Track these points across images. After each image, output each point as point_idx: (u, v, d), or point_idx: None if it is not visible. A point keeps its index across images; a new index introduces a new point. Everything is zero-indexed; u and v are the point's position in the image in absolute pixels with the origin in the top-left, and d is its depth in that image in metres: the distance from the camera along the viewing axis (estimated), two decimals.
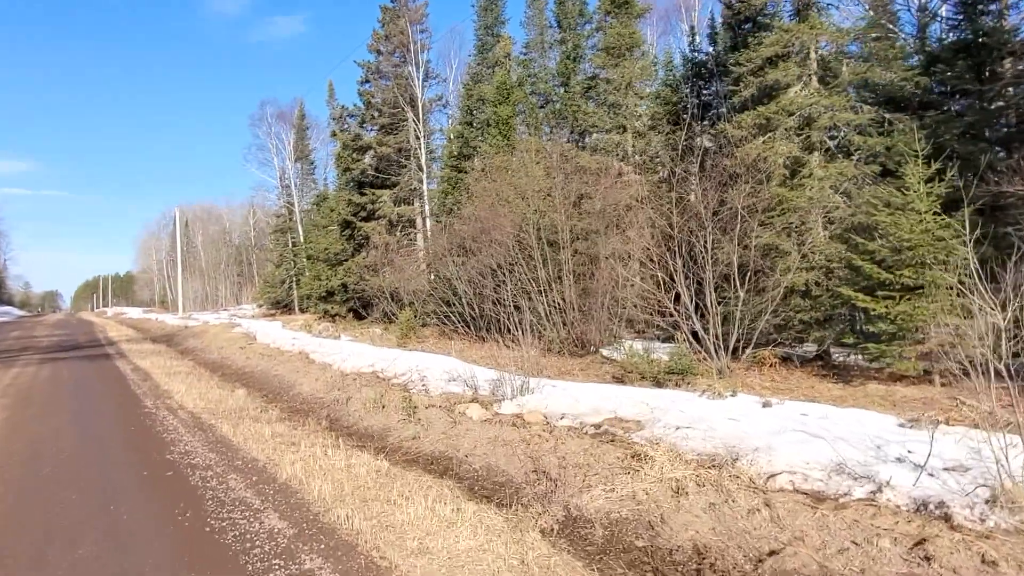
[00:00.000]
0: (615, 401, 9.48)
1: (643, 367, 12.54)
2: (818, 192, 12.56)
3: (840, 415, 8.20)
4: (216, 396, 12.70)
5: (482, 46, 27.17)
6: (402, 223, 29.24)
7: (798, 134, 13.30)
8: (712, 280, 12.02)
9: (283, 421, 10.65)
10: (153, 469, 7.15)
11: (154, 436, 8.96)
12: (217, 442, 8.49)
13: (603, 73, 21.49)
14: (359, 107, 30.90)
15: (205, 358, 21.55)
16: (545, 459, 7.48)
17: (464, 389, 12.22)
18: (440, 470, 7.75)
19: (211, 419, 10.12)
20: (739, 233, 12.28)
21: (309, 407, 12.38)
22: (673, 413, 8.54)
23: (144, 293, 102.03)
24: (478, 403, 10.46)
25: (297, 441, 8.61)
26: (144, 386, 14.47)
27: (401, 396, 11.92)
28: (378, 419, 10.69)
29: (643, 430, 8.15)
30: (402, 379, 14.12)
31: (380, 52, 29.65)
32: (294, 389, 14.35)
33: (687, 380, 11.78)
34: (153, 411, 11.04)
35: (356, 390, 13.11)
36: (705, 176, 12.69)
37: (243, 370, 18.04)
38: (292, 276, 40.32)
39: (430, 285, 21.88)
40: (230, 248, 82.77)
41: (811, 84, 13.63)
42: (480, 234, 18.38)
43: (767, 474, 6.29)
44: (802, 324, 12.85)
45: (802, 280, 12.27)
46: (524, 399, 10.30)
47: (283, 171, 43.77)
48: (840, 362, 13.55)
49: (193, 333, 30.67)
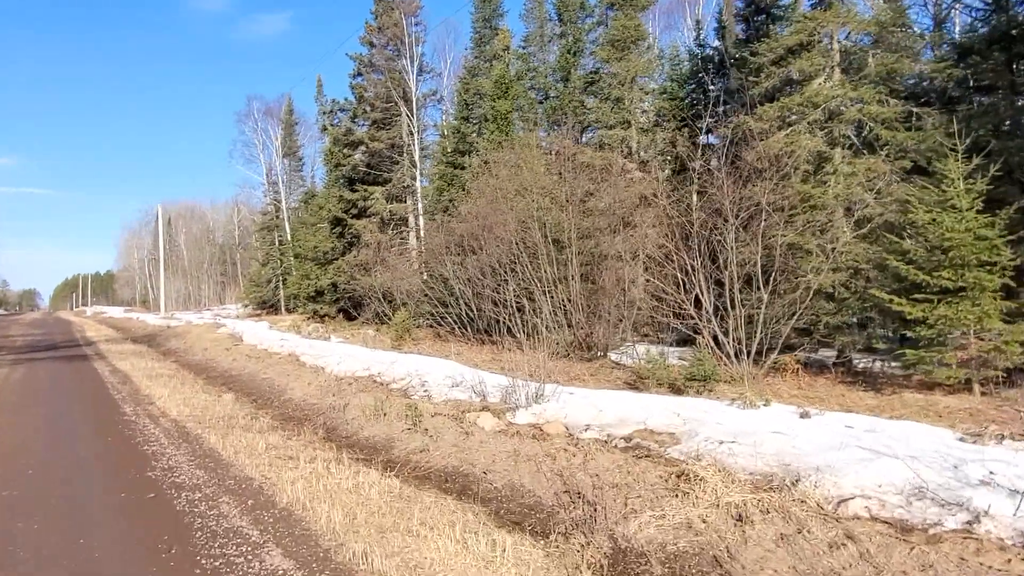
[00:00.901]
0: (642, 411, 8.71)
1: (660, 373, 11.81)
2: (844, 189, 11.88)
3: (890, 428, 7.49)
4: (201, 402, 11.78)
5: (479, 39, 26.36)
6: (394, 221, 28.34)
7: (822, 128, 12.62)
8: (737, 280, 11.31)
9: (276, 430, 9.78)
10: (132, 490, 6.27)
11: (134, 448, 8.06)
12: (205, 456, 7.61)
13: (607, 67, 20.79)
14: (350, 101, 29.99)
15: (189, 360, 20.54)
16: (576, 477, 6.69)
17: (471, 396, 11.42)
18: (457, 489, 6.93)
19: (197, 428, 9.23)
20: (763, 231, 11.58)
21: (303, 414, 11.50)
22: (709, 425, 7.79)
23: (125, 292, 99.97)
24: (489, 412, 9.66)
25: (295, 454, 7.75)
26: (123, 390, 13.50)
27: (403, 403, 11.09)
28: (380, 428, 9.85)
29: (679, 444, 7.39)
30: (401, 384, 13.30)
31: (373, 45, 28.73)
32: (285, 394, 13.45)
33: (708, 387, 11.08)
34: (133, 419, 10.11)
35: (352, 395, 12.26)
36: (731, 170, 11.97)
37: (230, 373, 17.08)
38: (279, 275, 39.21)
39: (425, 285, 21.03)
40: (213, 247, 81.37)
41: (833, 76, 12.97)
42: (481, 231, 17.57)
43: (836, 498, 5.55)
44: (827, 328, 12.17)
45: (828, 281, 11.57)
46: (540, 408, 9.51)
47: (270, 168, 42.68)
48: (863, 369, 12.90)
49: (176, 333, 29.57)
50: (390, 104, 28.37)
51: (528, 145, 19.30)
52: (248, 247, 70.43)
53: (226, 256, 78.02)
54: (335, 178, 34.34)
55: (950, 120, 12.08)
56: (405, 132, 28.46)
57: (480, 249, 18.08)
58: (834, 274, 11.81)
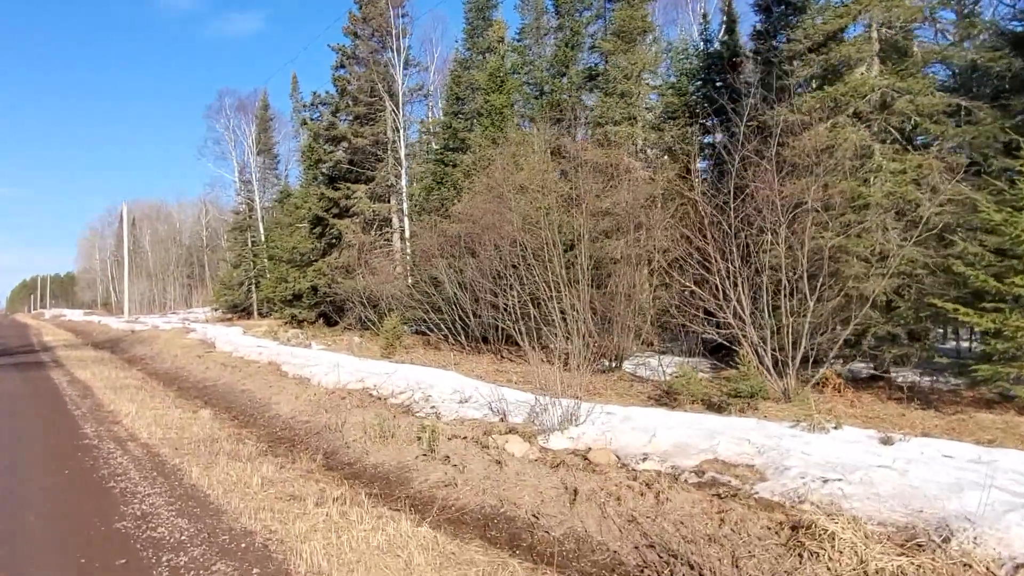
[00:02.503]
0: (702, 435, 7.48)
1: (694, 388, 10.64)
2: (894, 186, 10.85)
3: (1002, 459, 6.37)
4: (176, 420, 10.26)
5: (472, 30, 25.06)
6: (378, 221, 26.86)
7: (863, 120, 11.62)
8: (787, 284, 10.19)
9: (266, 456, 8.34)
10: (96, 553, 4.81)
11: (96, 486, 6.56)
12: (187, 496, 6.16)
13: (611, 61, 19.66)
14: (332, 95, 28.42)
15: (157, 368, 18.81)
16: (656, 526, 5.42)
17: (486, 414, 10.10)
18: (505, 539, 5.60)
19: (173, 456, 7.75)
20: (807, 232, 10.48)
21: (294, 435, 10.06)
22: (794, 455, 6.58)
23: (86, 295, 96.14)
24: (517, 435, 8.35)
25: (298, 492, 6.35)
26: (84, 405, 11.88)
27: (410, 422, 9.74)
28: (389, 453, 8.47)
29: (767, 480, 6.16)
30: (402, 398, 11.91)
31: (357, 35, 27.25)
32: (270, 410, 11.96)
33: (753, 405, 9.94)
34: (95, 443, 8.57)
35: (348, 412, 10.87)
36: (770, 166, 10.88)
37: (203, 384, 15.47)
38: (251, 278, 37.33)
39: (415, 289, 19.61)
40: (180, 248, 78.70)
41: (873, 66, 11.99)
42: (482, 231, 16.26)
43: (1010, 562, 4.37)
44: (873, 339, 11.13)
45: (879, 288, 10.51)
46: (578, 430, 8.23)
47: (243, 165, 40.79)
48: (909, 384, 11.92)
49: (141, 339, 27.61)
50: (374, 98, 26.90)
51: (528, 141, 18.08)
52: (217, 248, 68.08)
53: (193, 258, 75.54)
54: (313, 176, 32.71)
55: (1004, 113, 11.19)
56: (390, 128, 27.02)
57: (478, 251, 16.76)
58: (883, 279, 10.77)
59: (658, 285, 14.54)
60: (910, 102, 11.03)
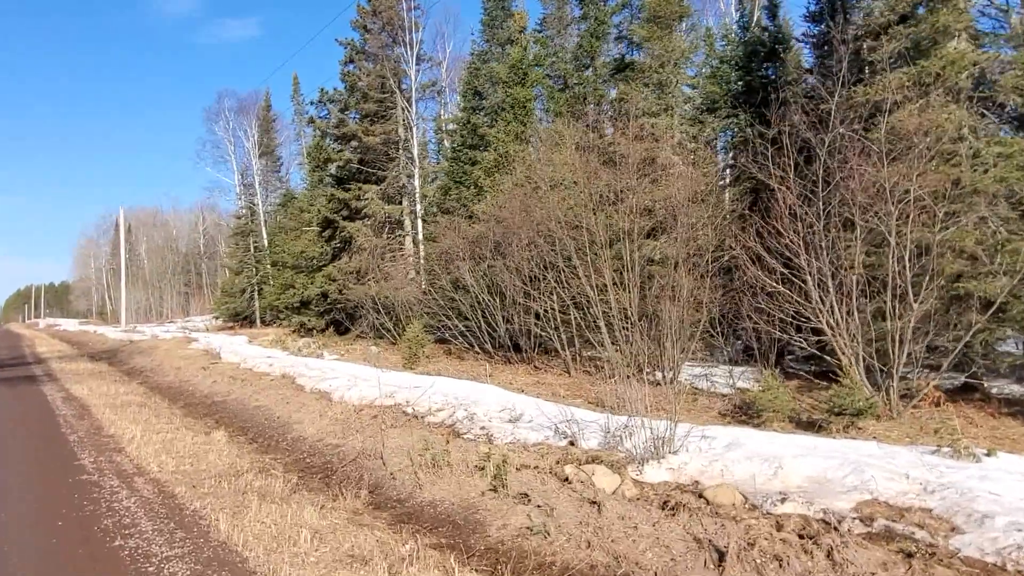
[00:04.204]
0: (840, 467, 6.11)
1: (781, 403, 9.32)
2: (1006, 171, 9.54)
3: None
4: (188, 446, 8.86)
5: (490, 21, 23.73)
6: (389, 224, 25.49)
7: (959, 100, 10.32)
8: (898, 284, 8.87)
9: (302, 493, 6.95)
10: None
11: (99, 548, 5.14)
12: (220, 563, 4.74)
13: (645, 48, 18.39)
14: (340, 91, 27.07)
15: (159, 382, 17.37)
16: None
17: (547, 436, 8.74)
18: None
19: (192, 497, 6.36)
20: (912, 223, 9.17)
21: (326, 462, 8.66)
22: (983, 497, 5.22)
23: (81, 304, 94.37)
24: (602, 464, 6.98)
25: (360, 551, 4.96)
26: (80, 427, 10.46)
27: (463, 447, 8.38)
28: (446, 488, 7.09)
29: (964, 533, 4.80)
30: (440, 416, 10.54)
31: (367, 29, 25.91)
32: (292, 430, 10.56)
33: (857, 424, 8.62)
34: (95, 479, 7.16)
35: (383, 433, 9.50)
36: (866, 148, 9.58)
37: (212, 400, 14.06)
38: (254, 285, 35.88)
39: (437, 294, 18.22)
40: (176, 256, 77.37)
41: (960, 40, 10.71)
42: (518, 229, 14.92)
43: None
44: (983, 347, 9.81)
45: (992, 288, 9.18)
46: (677, 459, 6.86)
47: (244, 168, 39.35)
48: (1005, 395, 10.66)
49: (140, 349, 26.15)
50: (385, 95, 25.58)
51: (561, 136, 16.73)
52: (214, 256, 66.73)
53: (190, 265, 74.22)
54: (319, 178, 31.35)
55: None
56: (401, 126, 25.68)
57: (510, 252, 15.40)
58: (993, 279, 9.45)
59: (713, 287, 13.19)
60: (1016, 77, 9.74)
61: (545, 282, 14.36)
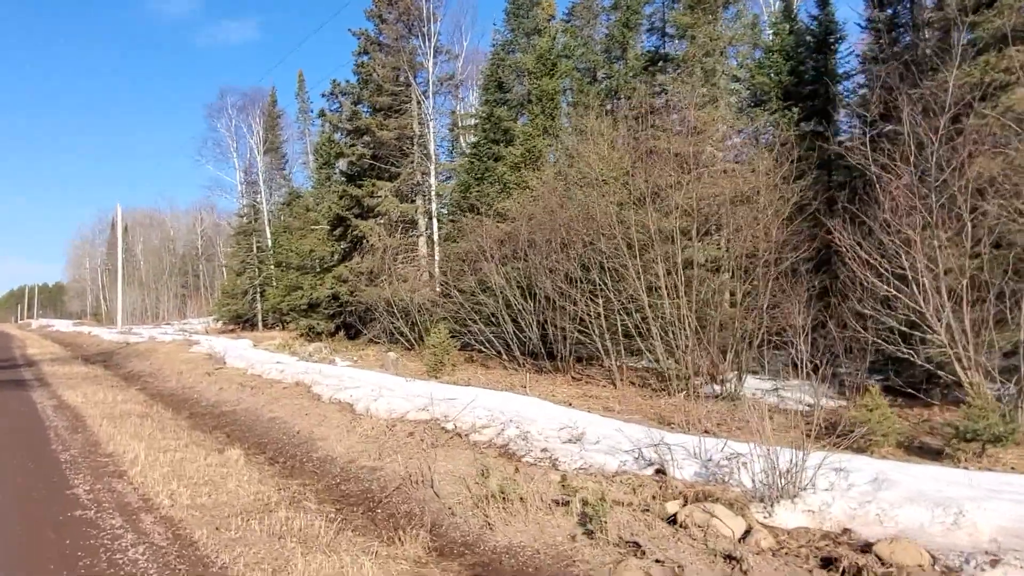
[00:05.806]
0: None
1: (889, 425, 8.06)
2: None
3: None
4: (201, 468, 7.52)
5: (515, 10, 22.50)
6: (403, 223, 24.17)
7: None
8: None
9: (345, 533, 5.64)
10: None
11: None
12: None
13: (687, 36, 17.18)
14: (352, 84, 25.79)
15: (160, 388, 16.00)
16: None
17: (624, 461, 7.43)
18: None
19: (216, 543, 5.03)
20: None
21: (365, 491, 7.33)
22: None
23: (75, 305, 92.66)
24: (718, 502, 5.67)
25: None
26: (74, 443, 9.11)
27: (532, 476, 7.06)
28: (523, 529, 5.78)
29: None
30: (487, 435, 9.20)
31: (382, 19, 24.64)
32: (316, 449, 9.23)
33: (988, 453, 7.36)
34: (92, 515, 5.82)
35: (425, 454, 8.23)
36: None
37: (221, 410, 12.72)
38: (257, 286, 34.48)
39: (461, 297, 16.92)
40: (174, 257, 75.87)
41: None
42: (560, 228, 13.66)
43: None
44: None
45: None
46: (816, 499, 5.55)
47: (248, 166, 38.00)
48: None
49: (137, 352, 24.74)
50: (400, 88, 24.31)
51: (601, 130, 15.47)
52: (212, 257, 65.33)
53: (187, 267, 72.77)
54: (326, 175, 30.07)
55: None
56: (416, 121, 24.41)
57: (546, 252, 14.12)
58: None
59: (774, 292, 11.93)
60: None
61: (588, 284, 13.09)
